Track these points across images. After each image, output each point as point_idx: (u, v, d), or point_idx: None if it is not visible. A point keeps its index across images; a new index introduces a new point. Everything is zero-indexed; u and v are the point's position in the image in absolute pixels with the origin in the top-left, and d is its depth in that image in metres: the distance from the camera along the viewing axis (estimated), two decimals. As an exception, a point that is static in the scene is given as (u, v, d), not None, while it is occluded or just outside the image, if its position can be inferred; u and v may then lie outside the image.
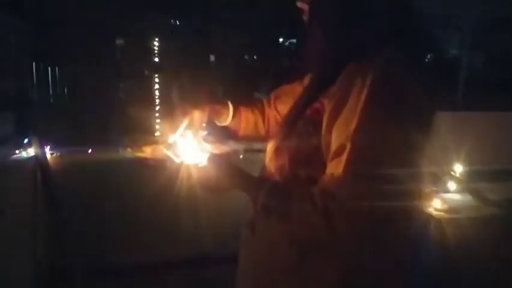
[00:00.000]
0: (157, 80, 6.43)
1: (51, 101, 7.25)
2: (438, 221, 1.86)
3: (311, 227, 0.74)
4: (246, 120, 1.13)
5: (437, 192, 2.03)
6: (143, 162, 1.05)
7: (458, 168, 2.22)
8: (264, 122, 1.15)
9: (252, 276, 0.92)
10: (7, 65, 4.40)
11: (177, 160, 0.94)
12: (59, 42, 6.29)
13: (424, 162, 0.76)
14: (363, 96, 0.72)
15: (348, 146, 0.71)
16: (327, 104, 0.78)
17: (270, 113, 1.15)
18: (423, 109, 0.77)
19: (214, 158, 0.87)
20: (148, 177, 1.15)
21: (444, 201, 1.95)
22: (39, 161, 1.91)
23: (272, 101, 1.15)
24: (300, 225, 0.76)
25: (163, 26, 7.34)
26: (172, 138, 0.99)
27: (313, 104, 0.82)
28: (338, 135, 0.74)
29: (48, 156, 2.20)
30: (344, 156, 0.71)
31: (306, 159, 0.80)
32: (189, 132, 1.01)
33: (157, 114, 5.73)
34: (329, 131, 0.76)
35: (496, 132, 2.83)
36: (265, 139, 1.05)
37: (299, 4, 0.90)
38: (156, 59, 6.63)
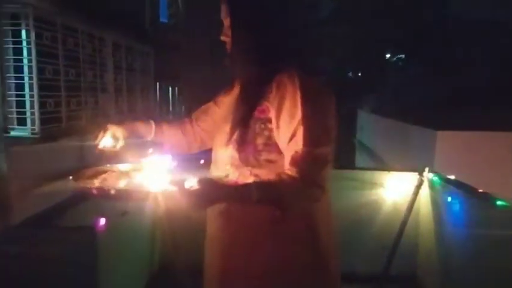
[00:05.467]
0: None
1: (171, 117, 8.08)
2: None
3: (300, 194, 1.07)
4: (170, 137, 1.39)
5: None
6: (88, 193, 1.16)
7: None
8: (187, 137, 1.40)
9: (236, 249, 1.16)
10: (136, 84, 5.05)
11: (151, 188, 1.10)
12: (178, 64, 7.03)
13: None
14: (298, 96, 1.07)
15: (301, 128, 1.06)
16: (270, 106, 1.12)
17: (195, 130, 1.41)
18: (330, 97, 1.15)
19: (206, 180, 1.09)
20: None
21: None
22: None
23: (194, 122, 1.42)
24: (291, 197, 1.06)
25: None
26: (123, 166, 1.18)
27: (257, 108, 1.14)
28: (288, 124, 1.08)
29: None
30: (300, 135, 1.06)
31: (263, 147, 1.11)
32: (156, 162, 1.20)
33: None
34: (277, 123, 1.10)
35: None
36: (189, 151, 1.40)
37: (223, 38, 1.20)
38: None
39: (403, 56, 12.61)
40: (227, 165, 1.16)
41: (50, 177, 2.64)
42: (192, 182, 1.03)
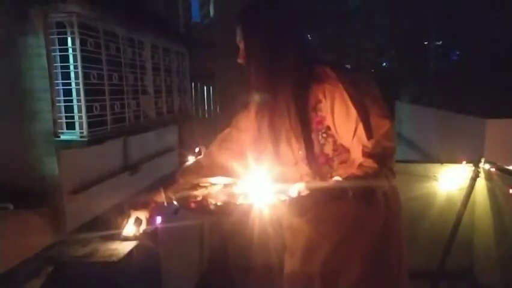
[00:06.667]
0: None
1: (206, 115, 8.18)
2: None
3: (382, 181, 1.14)
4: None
5: None
6: (187, 207, 1.19)
7: None
8: (206, 173, 1.40)
9: (338, 252, 1.22)
10: (173, 85, 5.14)
11: (252, 201, 1.10)
12: (213, 64, 7.10)
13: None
14: (345, 96, 1.15)
15: (360, 125, 1.13)
16: (324, 114, 1.19)
17: (217, 161, 1.44)
18: (372, 84, 1.22)
19: (311, 185, 1.12)
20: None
21: None
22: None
23: (216, 154, 1.45)
24: (378, 185, 1.14)
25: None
26: (221, 180, 1.23)
27: (313, 119, 1.20)
28: (345, 127, 1.15)
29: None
30: (360, 131, 1.13)
31: (333, 153, 1.20)
32: (257, 174, 1.20)
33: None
34: (335, 128, 1.17)
35: None
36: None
37: (239, 61, 1.28)
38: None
39: (440, 42, 12.16)
40: (303, 179, 1.21)
41: (100, 179, 2.73)
42: (296, 189, 1.04)
